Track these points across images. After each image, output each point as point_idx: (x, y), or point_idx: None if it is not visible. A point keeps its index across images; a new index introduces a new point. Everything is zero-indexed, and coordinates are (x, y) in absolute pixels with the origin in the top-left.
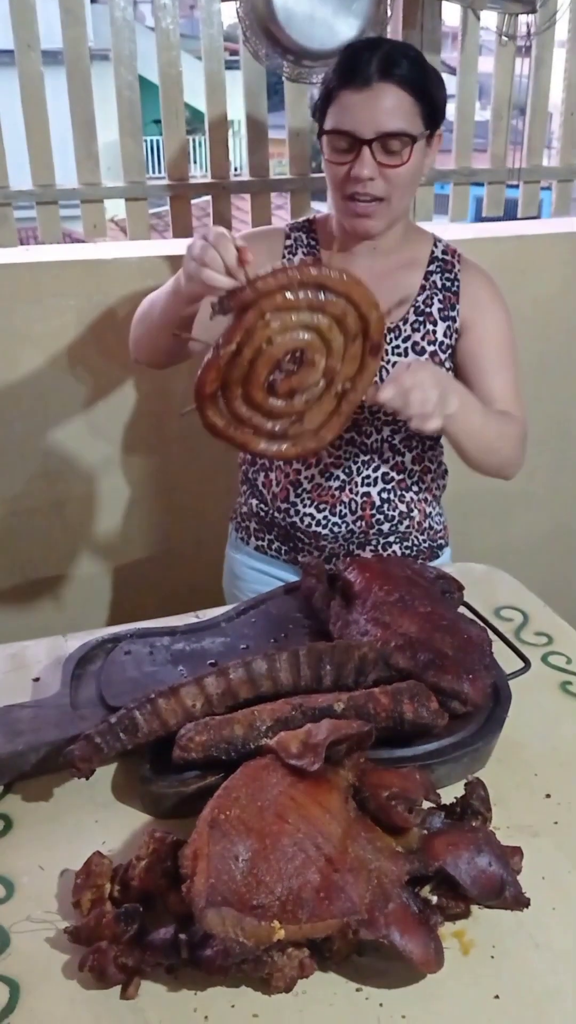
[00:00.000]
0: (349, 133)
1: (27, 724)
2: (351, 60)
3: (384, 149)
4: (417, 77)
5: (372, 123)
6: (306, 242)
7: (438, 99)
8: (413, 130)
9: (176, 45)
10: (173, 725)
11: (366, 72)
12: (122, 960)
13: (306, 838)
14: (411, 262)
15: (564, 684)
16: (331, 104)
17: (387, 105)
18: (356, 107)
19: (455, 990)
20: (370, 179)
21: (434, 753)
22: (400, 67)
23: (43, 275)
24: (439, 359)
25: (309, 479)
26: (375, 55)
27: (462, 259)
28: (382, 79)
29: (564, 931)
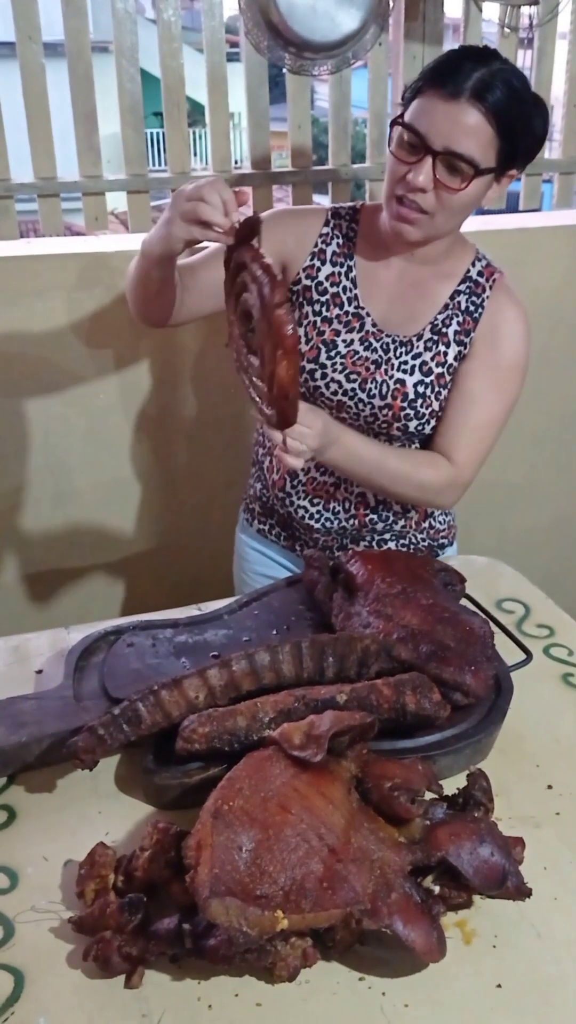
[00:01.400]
0: (420, 135)
1: (30, 716)
2: (453, 64)
3: (447, 167)
4: (508, 111)
5: (445, 136)
6: (345, 231)
7: (523, 143)
8: (482, 161)
9: (177, 37)
10: (176, 717)
11: (461, 84)
12: (126, 950)
13: (309, 828)
14: (446, 274)
15: (566, 676)
16: (417, 97)
17: (467, 125)
18: (436, 113)
19: (457, 979)
20: (422, 190)
21: (436, 744)
22: (495, 95)
23: (45, 268)
24: (445, 380)
25: (305, 472)
26: (478, 70)
27: (497, 284)
28: (472, 99)
29: (566, 921)
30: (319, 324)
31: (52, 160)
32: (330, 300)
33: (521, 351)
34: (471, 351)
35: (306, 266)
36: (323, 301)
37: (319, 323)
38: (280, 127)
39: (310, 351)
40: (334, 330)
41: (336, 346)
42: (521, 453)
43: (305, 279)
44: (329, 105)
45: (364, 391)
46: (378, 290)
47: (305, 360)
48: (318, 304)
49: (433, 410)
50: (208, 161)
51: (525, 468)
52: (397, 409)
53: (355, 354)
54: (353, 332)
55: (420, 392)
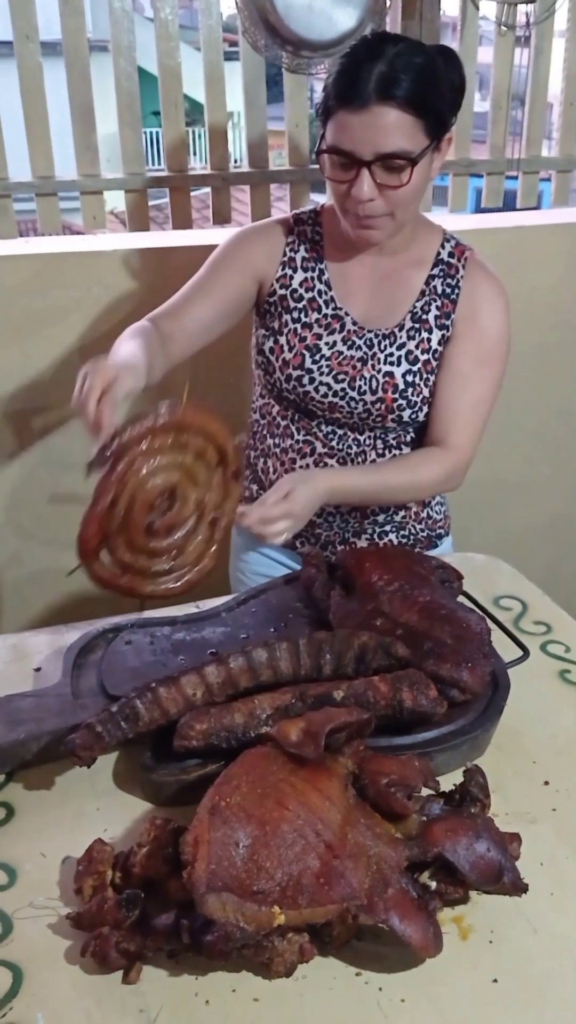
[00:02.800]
0: (347, 153)
1: (28, 713)
2: (349, 76)
3: (384, 169)
4: (419, 93)
5: (370, 145)
6: (310, 236)
7: (444, 108)
8: (415, 148)
9: (175, 35)
10: (174, 714)
11: (364, 92)
12: (124, 945)
13: (306, 825)
14: (417, 261)
15: (563, 672)
16: (329, 119)
17: (386, 126)
18: (353, 128)
19: (454, 974)
20: (370, 200)
21: (433, 741)
22: (399, 86)
23: (43, 267)
24: (432, 366)
25: (304, 468)
26: (374, 71)
27: (469, 262)
28: (380, 100)
29: (562, 916)
30: (300, 330)
31: (50, 159)
32: (307, 305)
33: (503, 323)
34: (454, 332)
35: (279, 276)
36: (300, 307)
37: (299, 329)
38: (278, 126)
39: (294, 358)
40: (315, 334)
41: (320, 349)
42: (519, 451)
43: (280, 289)
44: None
45: (354, 389)
46: (353, 288)
47: (291, 367)
48: (296, 311)
49: (424, 396)
50: (206, 160)
51: (523, 466)
52: (389, 401)
53: (340, 355)
54: (335, 333)
55: (409, 381)
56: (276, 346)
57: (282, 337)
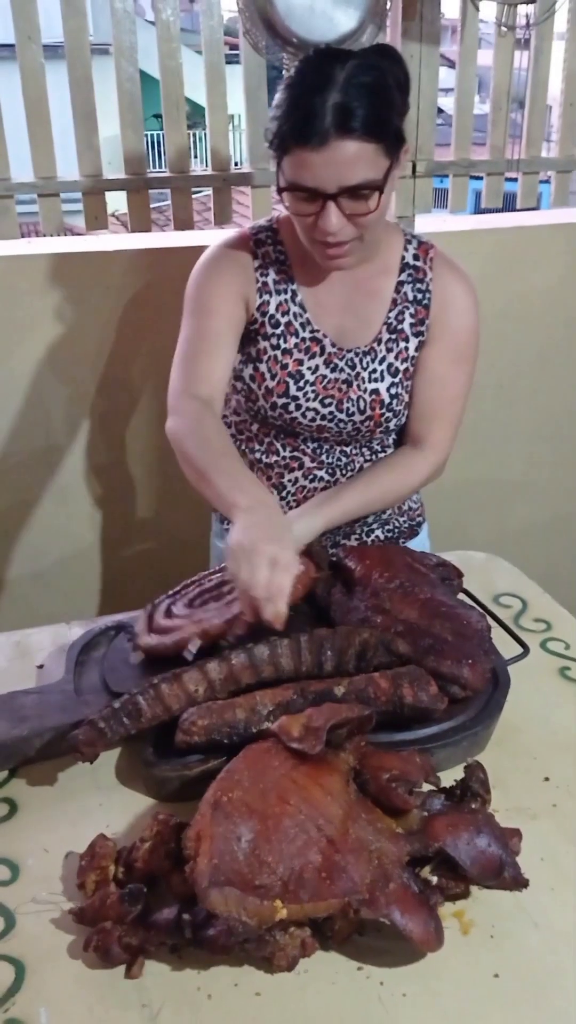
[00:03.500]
0: (310, 189)
1: (31, 710)
2: (302, 112)
3: (351, 198)
4: (377, 118)
5: (334, 180)
6: (275, 256)
7: (399, 122)
8: (379, 175)
9: (176, 37)
10: (176, 710)
11: (321, 128)
12: (126, 940)
13: (308, 820)
14: (383, 269)
15: (563, 669)
16: (287, 155)
17: (348, 160)
18: (314, 166)
19: (455, 969)
20: (339, 229)
21: (434, 737)
22: (356, 117)
23: (45, 267)
24: (410, 373)
25: (293, 482)
26: (327, 103)
27: (435, 262)
28: (339, 135)
29: (562, 911)
30: (280, 357)
31: (52, 160)
32: (284, 330)
33: (474, 319)
34: (429, 337)
35: (258, 304)
36: (278, 333)
37: (280, 356)
38: None
39: (278, 386)
40: (296, 360)
41: (303, 375)
42: (519, 450)
43: (259, 316)
44: None
45: (342, 411)
46: (327, 308)
47: (275, 395)
48: (274, 337)
49: (407, 403)
50: (207, 162)
51: (523, 465)
52: (377, 417)
53: (324, 378)
54: (315, 357)
55: (394, 394)
56: (256, 374)
57: (262, 364)
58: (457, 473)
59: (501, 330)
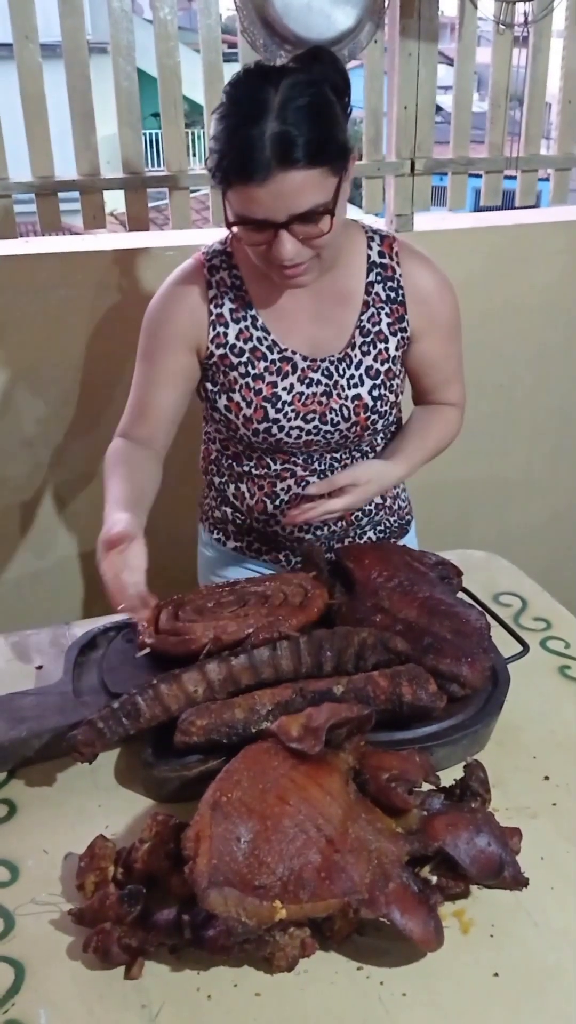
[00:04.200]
0: (260, 222)
1: (30, 711)
2: (241, 146)
3: (302, 223)
4: (319, 142)
5: (283, 210)
6: (230, 283)
7: (342, 135)
8: (328, 197)
9: (174, 35)
10: (175, 710)
11: (261, 162)
12: (126, 941)
13: (307, 819)
14: (350, 271)
15: (562, 668)
16: (231, 190)
17: (294, 190)
18: (261, 199)
19: (455, 968)
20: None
21: (433, 735)
22: (298, 147)
23: (43, 266)
24: (393, 372)
25: (286, 491)
26: (266, 134)
27: (401, 254)
28: (282, 167)
29: (562, 910)
30: (252, 383)
31: (50, 159)
32: (250, 356)
33: (452, 299)
34: (415, 333)
35: (212, 338)
36: (244, 360)
37: (251, 382)
38: None
39: (256, 412)
40: (270, 383)
41: (280, 397)
42: (519, 449)
43: (216, 349)
44: None
45: (326, 423)
46: (292, 324)
47: (255, 422)
48: (241, 365)
49: (392, 402)
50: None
51: (523, 464)
52: (363, 421)
53: (301, 396)
54: (288, 377)
55: (377, 396)
56: (232, 403)
57: (235, 394)
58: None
59: (500, 328)
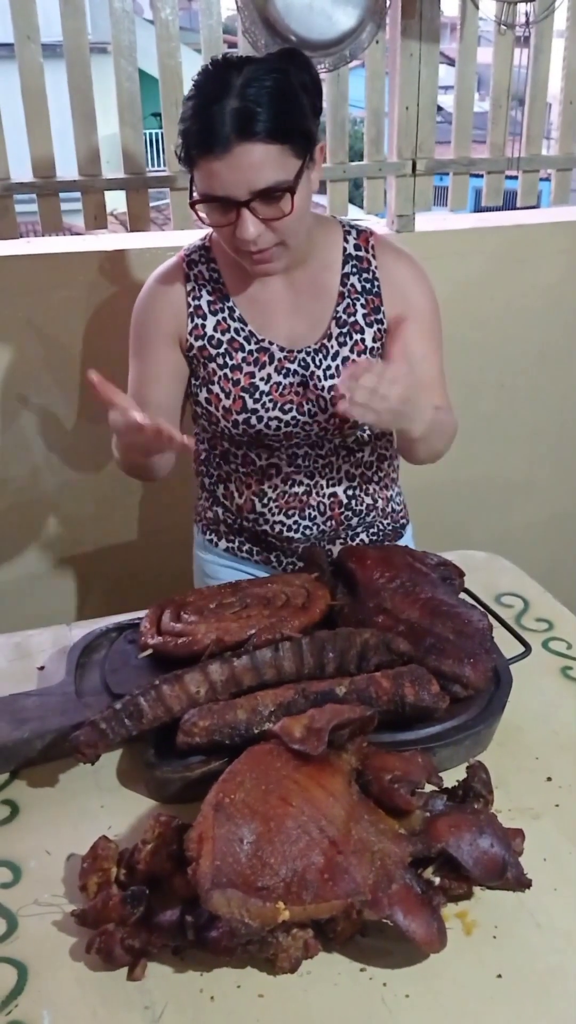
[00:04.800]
0: (221, 198)
1: (32, 712)
2: (203, 120)
3: (264, 203)
4: (279, 119)
5: (243, 185)
6: (208, 276)
7: (307, 122)
8: (289, 176)
9: (175, 36)
10: (177, 711)
11: (222, 135)
12: (129, 942)
13: (310, 821)
14: (325, 264)
15: (564, 669)
16: (195, 168)
17: (254, 164)
18: (221, 174)
19: (458, 970)
20: (258, 235)
21: (436, 736)
22: (258, 121)
23: (44, 266)
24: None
25: (273, 488)
26: (227, 109)
27: (377, 248)
28: (241, 139)
29: (565, 912)
30: (230, 374)
31: (51, 159)
32: (228, 347)
33: (430, 293)
34: (391, 325)
35: (190, 329)
36: (222, 351)
37: (229, 373)
38: None
39: (234, 403)
40: (248, 374)
41: (257, 387)
42: (520, 449)
43: (195, 341)
44: (327, 104)
45: (304, 413)
46: (269, 315)
47: (234, 413)
48: (219, 356)
49: None
50: None
51: (524, 464)
52: (341, 413)
53: (279, 386)
54: (266, 367)
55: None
56: (211, 396)
57: (215, 386)
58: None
59: (501, 329)
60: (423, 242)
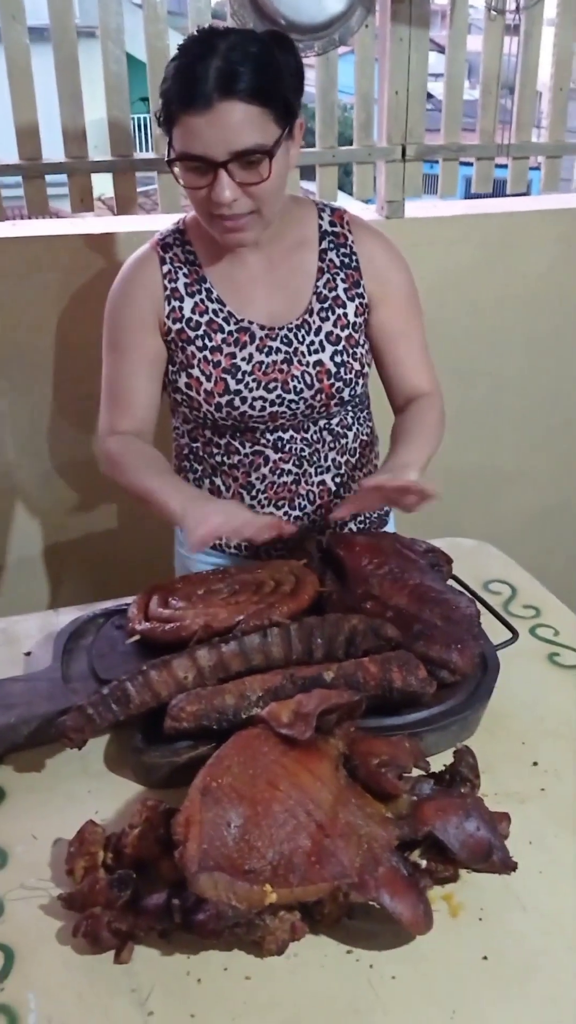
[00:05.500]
0: (200, 157)
1: (19, 697)
2: (186, 78)
3: (241, 166)
4: (261, 82)
5: (222, 144)
6: (183, 258)
7: (289, 94)
8: (268, 140)
9: (163, 18)
10: (165, 697)
11: (205, 91)
12: (115, 925)
13: (297, 805)
14: (301, 242)
15: (551, 655)
16: (174, 126)
17: (234, 123)
18: (201, 131)
19: (444, 951)
20: (233, 200)
21: (423, 721)
22: (241, 80)
23: (30, 250)
24: (355, 339)
25: (261, 479)
26: (211, 67)
27: (352, 224)
28: (223, 97)
29: (550, 894)
30: (210, 356)
31: (37, 141)
32: (207, 329)
33: (406, 268)
34: (372, 300)
35: (168, 313)
36: (201, 333)
37: (209, 355)
38: None
39: (216, 386)
40: (228, 355)
41: (239, 368)
42: (509, 438)
43: (173, 324)
44: (316, 88)
45: (289, 391)
46: (248, 294)
47: (216, 396)
48: (198, 339)
49: (356, 371)
50: None
51: (514, 453)
52: (328, 389)
53: (262, 364)
54: (247, 347)
55: (339, 362)
56: (192, 380)
57: (195, 369)
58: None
59: (491, 316)
60: (413, 229)
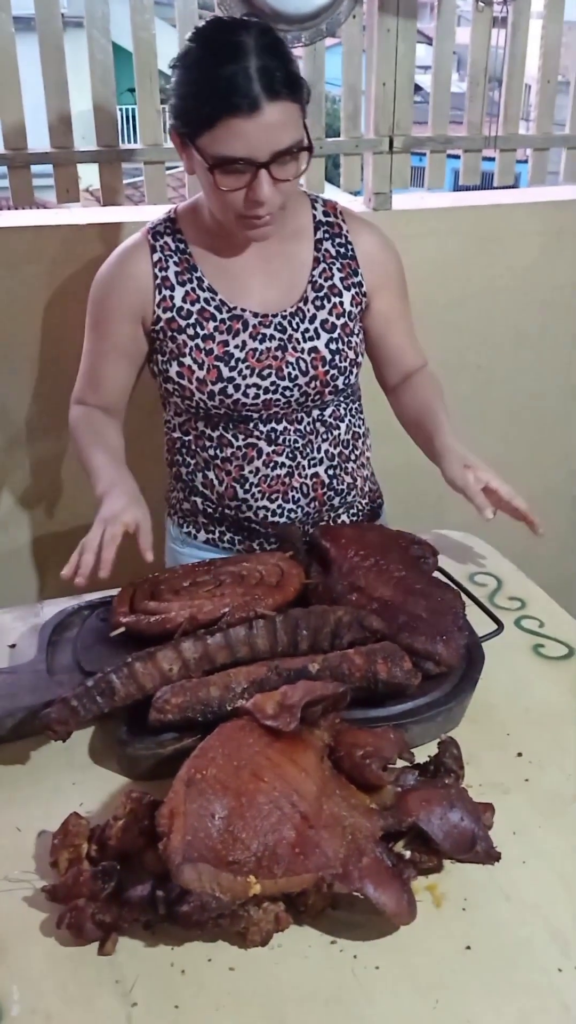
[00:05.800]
0: (242, 159)
1: (3, 689)
2: (234, 78)
3: (279, 164)
4: (293, 76)
5: (268, 145)
6: (175, 247)
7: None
8: (302, 135)
9: (149, 9)
10: (150, 689)
11: (252, 93)
12: (100, 917)
13: (282, 796)
14: (297, 231)
15: (536, 647)
16: (212, 129)
17: (280, 123)
18: (248, 133)
19: (428, 942)
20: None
21: (408, 713)
22: (279, 77)
23: (15, 240)
24: (350, 328)
25: (254, 472)
26: (251, 68)
27: (345, 215)
28: (271, 98)
29: (533, 884)
30: (202, 344)
31: (22, 130)
32: (199, 317)
33: (397, 256)
34: (371, 289)
35: (158, 302)
36: (192, 322)
37: (201, 343)
38: None
39: (209, 373)
40: (221, 342)
41: (232, 355)
42: (495, 430)
43: (163, 313)
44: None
45: (284, 378)
46: (242, 283)
47: (209, 384)
48: (190, 327)
49: (351, 359)
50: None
51: (499, 446)
52: (322, 376)
53: (255, 352)
54: (240, 334)
55: (335, 349)
56: (184, 368)
57: (186, 358)
58: None
59: (478, 308)
60: (400, 220)
